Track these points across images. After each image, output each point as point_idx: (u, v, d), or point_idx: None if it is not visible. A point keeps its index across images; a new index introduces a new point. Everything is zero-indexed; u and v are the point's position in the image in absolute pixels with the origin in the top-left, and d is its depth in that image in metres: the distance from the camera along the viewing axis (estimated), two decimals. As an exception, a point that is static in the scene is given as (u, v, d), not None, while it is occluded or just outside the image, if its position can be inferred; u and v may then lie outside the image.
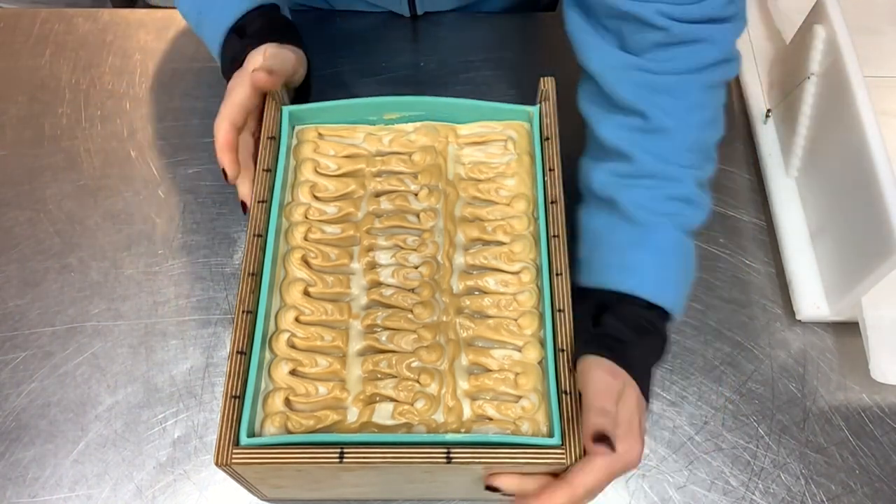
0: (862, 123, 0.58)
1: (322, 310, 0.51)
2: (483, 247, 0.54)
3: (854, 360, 0.62)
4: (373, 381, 0.49)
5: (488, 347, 0.51)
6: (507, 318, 0.51)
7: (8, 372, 0.61)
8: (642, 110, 0.54)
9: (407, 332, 0.50)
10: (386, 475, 0.48)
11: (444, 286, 0.52)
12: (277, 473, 0.47)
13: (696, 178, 0.54)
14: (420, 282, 0.52)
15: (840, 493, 0.57)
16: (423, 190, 0.55)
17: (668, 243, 0.52)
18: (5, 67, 0.79)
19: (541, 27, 0.83)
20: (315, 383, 0.49)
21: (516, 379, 0.49)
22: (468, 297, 0.52)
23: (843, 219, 0.62)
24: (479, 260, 0.54)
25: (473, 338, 0.51)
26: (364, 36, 0.81)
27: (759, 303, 0.65)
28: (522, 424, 0.48)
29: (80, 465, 0.57)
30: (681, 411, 0.60)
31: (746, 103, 0.77)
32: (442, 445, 0.44)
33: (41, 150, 0.73)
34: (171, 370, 0.61)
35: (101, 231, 0.68)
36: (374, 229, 0.54)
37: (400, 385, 0.49)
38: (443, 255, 0.53)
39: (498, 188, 0.56)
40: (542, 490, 0.45)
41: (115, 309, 0.64)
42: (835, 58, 0.62)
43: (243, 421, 0.46)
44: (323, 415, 0.48)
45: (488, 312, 0.52)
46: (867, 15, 0.78)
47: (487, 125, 0.59)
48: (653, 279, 0.51)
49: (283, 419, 0.47)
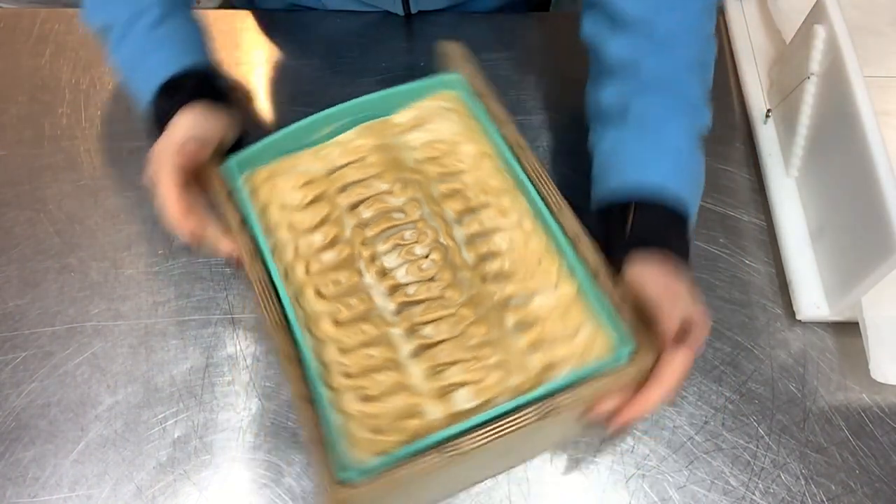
0: (862, 123, 0.58)
1: (358, 331, 0.51)
2: (473, 214, 0.54)
3: (854, 360, 0.62)
4: (436, 376, 0.49)
5: (525, 302, 0.51)
6: (529, 267, 0.52)
7: (8, 372, 0.61)
8: (650, 19, 0.56)
9: (447, 317, 0.50)
10: (482, 458, 0.48)
11: (459, 262, 0.53)
12: (387, 497, 0.46)
13: (701, 86, 0.56)
14: (437, 268, 0.52)
15: (840, 493, 0.57)
16: (395, 185, 0.55)
17: (682, 144, 0.54)
18: (5, 67, 0.79)
19: (535, 27, 0.83)
20: (384, 401, 0.48)
21: (563, 319, 0.49)
22: (485, 264, 0.52)
23: (843, 219, 0.62)
24: (475, 227, 0.54)
25: (507, 297, 0.51)
26: (359, 36, 0.81)
27: (759, 303, 0.65)
28: (590, 354, 0.48)
29: (80, 465, 0.57)
30: (681, 411, 0.60)
31: (746, 103, 0.77)
32: (537, 402, 0.45)
33: (41, 150, 0.73)
34: (171, 370, 0.61)
35: (101, 231, 0.68)
36: (368, 239, 0.54)
37: (464, 368, 0.49)
38: (444, 235, 0.53)
39: (458, 159, 0.56)
40: (637, 395, 0.47)
41: (115, 309, 0.64)
42: (835, 58, 0.62)
43: (337, 459, 0.45)
44: (406, 425, 0.47)
45: (509, 269, 0.52)
46: (867, 15, 0.78)
47: (418, 106, 0.59)
48: (672, 176, 0.52)
49: (370, 444, 0.46)
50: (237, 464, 0.57)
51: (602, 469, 0.57)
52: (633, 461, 0.58)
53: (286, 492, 0.56)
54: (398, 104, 0.58)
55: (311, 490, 0.56)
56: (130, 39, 0.59)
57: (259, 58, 0.80)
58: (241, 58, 0.80)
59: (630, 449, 0.58)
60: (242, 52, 0.80)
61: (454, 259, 0.53)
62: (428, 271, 0.52)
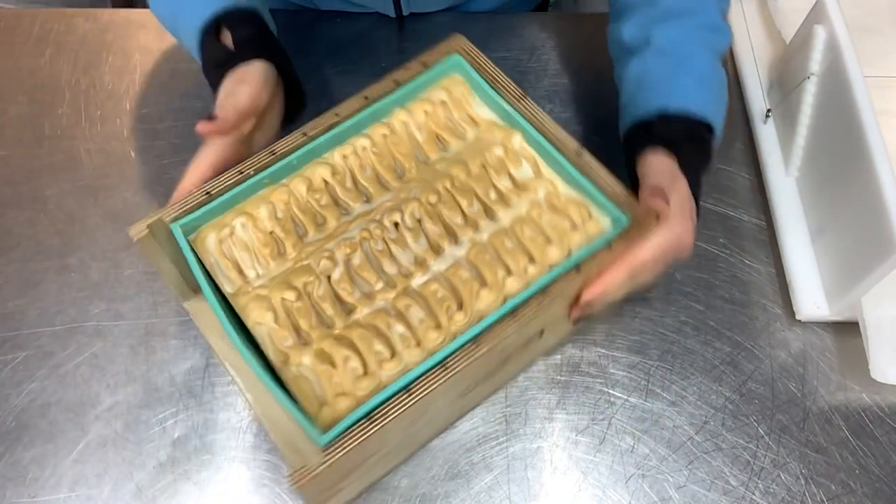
0: (862, 123, 0.58)
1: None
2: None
3: (854, 360, 0.62)
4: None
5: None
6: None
7: (8, 372, 0.61)
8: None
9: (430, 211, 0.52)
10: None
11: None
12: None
13: (720, 8, 0.60)
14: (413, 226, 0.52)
15: (840, 493, 0.57)
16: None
17: (705, 66, 0.57)
18: (5, 67, 0.79)
19: (533, 27, 0.83)
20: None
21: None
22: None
23: (843, 219, 0.62)
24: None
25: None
26: (360, 36, 0.81)
27: (759, 303, 0.65)
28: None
29: (80, 465, 0.57)
30: (681, 411, 0.60)
31: (746, 103, 0.77)
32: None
33: (41, 150, 0.73)
34: (171, 370, 0.61)
35: (101, 231, 0.68)
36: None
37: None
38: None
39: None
40: (605, 270, 0.49)
41: (115, 309, 0.64)
42: (835, 58, 0.62)
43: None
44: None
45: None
46: (867, 15, 0.78)
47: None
48: (697, 96, 0.55)
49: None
50: (237, 464, 0.57)
51: (602, 469, 0.57)
52: (633, 461, 0.58)
53: (286, 492, 0.56)
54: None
55: (311, 490, 0.56)
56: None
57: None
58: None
59: (630, 449, 0.58)
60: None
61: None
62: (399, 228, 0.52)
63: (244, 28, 0.57)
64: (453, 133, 0.56)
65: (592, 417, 0.59)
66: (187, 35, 0.59)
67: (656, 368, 0.62)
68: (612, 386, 0.61)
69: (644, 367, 0.62)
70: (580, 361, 0.62)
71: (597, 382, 0.61)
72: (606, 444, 0.58)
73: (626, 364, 0.62)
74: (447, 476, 0.57)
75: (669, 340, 0.63)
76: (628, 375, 0.61)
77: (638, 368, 0.62)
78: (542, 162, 0.54)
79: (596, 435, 0.59)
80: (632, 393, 0.60)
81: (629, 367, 0.62)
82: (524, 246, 0.51)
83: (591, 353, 0.62)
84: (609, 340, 0.63)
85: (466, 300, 0.49)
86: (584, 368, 0.61)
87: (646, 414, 0.60)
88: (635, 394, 0.60)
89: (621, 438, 0.59)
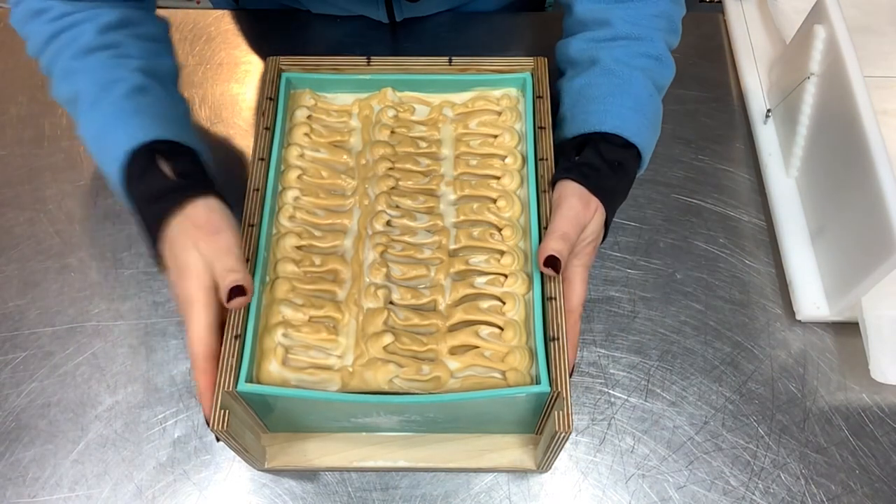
0: (862, 123, 0.58)
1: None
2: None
3: (854, 360, 0.62)
4: None
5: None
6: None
7: (8, 372, 0.61)
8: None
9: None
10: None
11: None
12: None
13: (666, 41, 0.61)
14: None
15: (840, 493, 0.57)
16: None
17: (644, 92, 0.58)
18: (5, 67, 0.79)
19: (532, 27, 0.83)
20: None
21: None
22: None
23: (843, 219, 0.62)
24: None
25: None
26: (360, 36, 0.81)
27: (759, 303, 0.65)
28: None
29: (80, 465, 0.57)
30: (681, 411, 0.60)
31: (746, 103, 0.77)
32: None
33: (41, 150, 0.73)
34: (171, 370, 0.61)
35: (101, 231, 0.68)
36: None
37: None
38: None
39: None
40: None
41: (115, 309, 0.64)
42: (835, 58, 0.62)
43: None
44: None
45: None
46: (867, 15, 0.78)
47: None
48: (631, 121, 0.56)
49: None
50: (237, 464, 0.57)
51: (602, 469, 0.57)
52: (633, 461, 0.58)
53: (286, 492, 0.56)
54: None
55: (311, 490, 0.56)
56: (104, 105, 0.52)
57: (258, 58, 0.80)
58: (240, 57, 0.80)
59: (630, 449, 0.58)
60: (241, 52, 0.80)
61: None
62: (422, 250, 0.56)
63: (185, 160, 0.52)
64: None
65: (592, 418, 0.59)
66: (112, 155, 0.51)
67: (656, 368, 0.62)
68: (612, 386, 0.61)
69: (644, 367, 0.62)
70: (580, 361, 0.62)
71: (597, 382, 0.61)
72: (606, 444, 0.58)
73: (626, 364, 0.62)
74: (447, 476, 0.57)
75: (669, 340, 0.63)
76: (628, 375, 0.61)
77: (638, 368, 0.62)
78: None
79: (596, 435, 0.59)
80: (632, 393, 0.61)
81: (629, 367, 0.62)
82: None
83: (591, 353, 0.62)
84: (609, 340, 0.63)
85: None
86: (584, 368, 0.61)
87: (646, 414, 0.60)
88: (635, 394, 0.60)
89: (621, 439, 0.59)
